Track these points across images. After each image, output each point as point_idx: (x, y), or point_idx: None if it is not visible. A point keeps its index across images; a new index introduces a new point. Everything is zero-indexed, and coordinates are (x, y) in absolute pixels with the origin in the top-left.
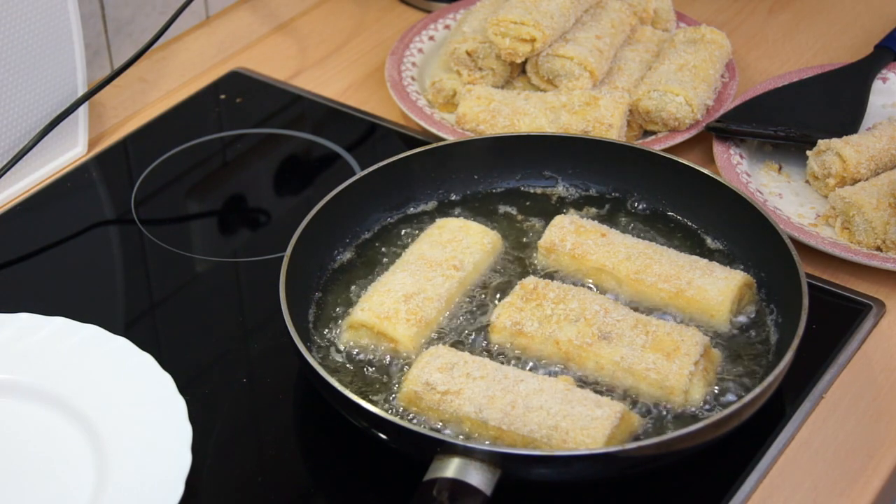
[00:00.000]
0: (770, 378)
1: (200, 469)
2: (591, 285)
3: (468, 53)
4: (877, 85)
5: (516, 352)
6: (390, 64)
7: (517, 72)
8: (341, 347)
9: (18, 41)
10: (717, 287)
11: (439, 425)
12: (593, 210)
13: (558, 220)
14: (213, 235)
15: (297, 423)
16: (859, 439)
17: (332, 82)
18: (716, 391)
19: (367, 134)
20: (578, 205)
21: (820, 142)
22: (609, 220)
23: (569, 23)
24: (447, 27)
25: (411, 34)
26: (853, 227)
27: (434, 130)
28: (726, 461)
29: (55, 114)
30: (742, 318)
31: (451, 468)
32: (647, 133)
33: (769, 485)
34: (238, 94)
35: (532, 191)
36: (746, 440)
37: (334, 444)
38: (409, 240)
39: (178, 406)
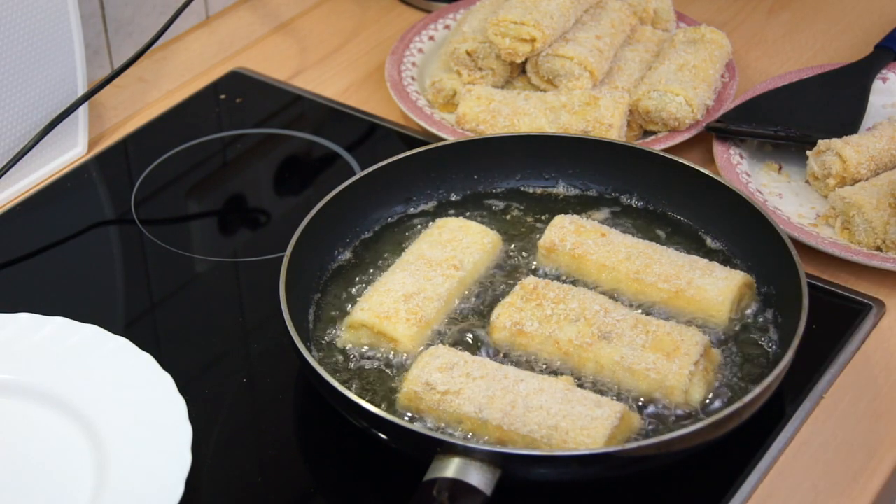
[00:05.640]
0: (770, 378)
1: (200, 469)
2: (591, 285)
3: (468, 53)
4: (877, 85)
5: (516, 352)
6: (390, 64)
7: (517, 72)
8: (341, 347)
9: (18, 41)
10: (717, 287)
11: (439, 425)
12: (593, 210)
13: (558, 220)
14: (213, 235)
15: (297, 423)
16: (859, 439)
17: (332, 82)
18: (715, 391)
19: (367, 134)
20: (578, 205)
21: (820, 142)
22: (609, 220)
23: (569, 23)
24: (447, 27)
25: (411, 34)
26: (853, 227)
27: (434, 130)
28: (726, 461)
29: (55, 114)
30: (742, 319)
31: (451, 468)
32: (647, 133)
33: (769, 485)
34: (238, 94)
35: (532, 191)
36: (746, 440)
37: (334, 444)
38: (409, 240)
39: (178, 406)
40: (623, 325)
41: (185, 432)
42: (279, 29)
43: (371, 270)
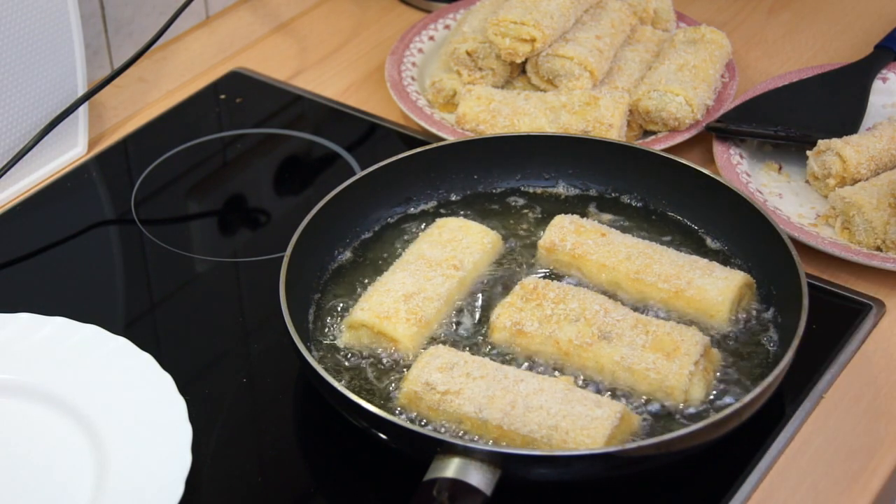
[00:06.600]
0: (770, 378)
1: (200, 469)
2: (591, 285)
3: (468, 53)
4: (877, 85)
5: (516, 352)
6: (390, 64)
7: (517, 72)
8: (341, 347)
9: (18, 41)
10: (717, 287)
11: (439, 425)
12: (593, 210)
13: (558, 220)
14: (213, 235)
15: (297, 423)
16: (859, 439)
17: (332, 82)
18: (716, 391)
19: (367, 134)
20: (578, 205)
21: (820, 142)
22: (609, 220)
23: (569, 23)
24: (447, 27)
25: (411, 34)
26: (853, 227)
27: (434, 130)
28: (726, 461)
29: (55, 114)
30: (742, 319)
31: (451, 468)
32: (647, 133)
33: (769, 485)
34: (238, 94)
35: (532, 191)
36: (746, 440)
37: (334, 444)
38: (409, 240)
39: (178, 406)
40: (623, 325)
41: (185, 432)
42: (279, 29)
43: (371, 270)
